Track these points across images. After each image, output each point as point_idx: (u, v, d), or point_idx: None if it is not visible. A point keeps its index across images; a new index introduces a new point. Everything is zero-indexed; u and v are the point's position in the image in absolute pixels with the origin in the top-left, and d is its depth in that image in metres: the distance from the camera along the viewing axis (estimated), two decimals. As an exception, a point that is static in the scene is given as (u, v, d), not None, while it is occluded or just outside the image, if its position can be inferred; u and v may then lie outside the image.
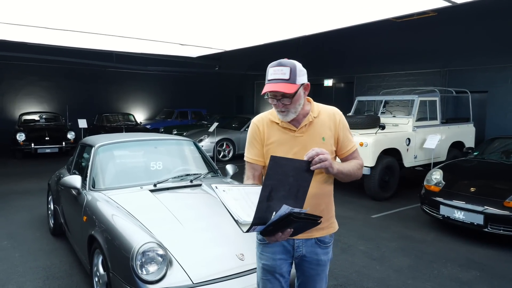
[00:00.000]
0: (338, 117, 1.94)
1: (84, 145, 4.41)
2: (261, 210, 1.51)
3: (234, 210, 1.56)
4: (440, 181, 5.37)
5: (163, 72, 17.42)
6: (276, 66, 1.77)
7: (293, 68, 1.76)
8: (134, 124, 14.45)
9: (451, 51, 10.93)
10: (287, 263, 1.95)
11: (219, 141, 11.04)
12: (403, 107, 8.50)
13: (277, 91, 1.75)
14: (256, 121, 1.99)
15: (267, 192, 1.53)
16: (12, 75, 15.02)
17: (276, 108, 1.84)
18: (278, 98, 1.79)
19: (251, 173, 1.96)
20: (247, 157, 1.99)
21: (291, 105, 1.79)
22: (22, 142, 11.07)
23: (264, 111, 2.02)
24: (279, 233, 1.58)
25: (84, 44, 9.20)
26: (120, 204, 3.21)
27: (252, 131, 1.98)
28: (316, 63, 14.80)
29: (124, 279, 2.48)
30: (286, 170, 1.57)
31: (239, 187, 1.72)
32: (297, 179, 1.60)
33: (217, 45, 8.97)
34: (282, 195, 1.56)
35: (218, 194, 1.60)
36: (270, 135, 1.92)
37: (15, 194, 6.98)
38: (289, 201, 1.54)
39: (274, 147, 1.89)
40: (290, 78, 1.75)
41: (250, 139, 1.99)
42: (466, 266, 4.12)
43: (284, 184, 1.57)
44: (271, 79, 1.77)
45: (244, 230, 1.52)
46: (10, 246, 4.52)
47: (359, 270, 4.00)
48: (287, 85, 1.74)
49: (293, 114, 1.83)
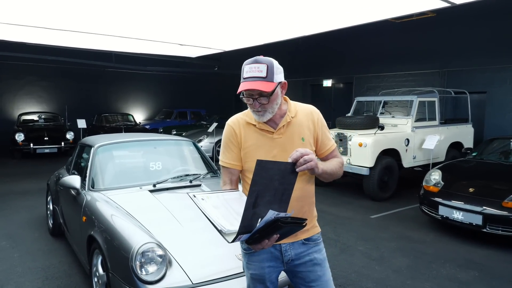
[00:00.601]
0: (316, 115, 1.87)
1: (84, 145, 4.41)
2: (247, 218, 1.44)
3: (216, 220, 1.49)
4: (439, 182, 5.38)
5: (162, 73, 17.42)
6: (252, 63, 1.68)
7: (270, 66, 1.68)
8: (133, 124, 14.44)
9: (450, 52, 10.95)
10: (277, 271, 1.87)
11: (218, 142, 11.04)
12: (402, 107, 8.52)
13: (253, 89, 1.66)
14: (231, 123, 1.88)
15: (253, 199, 1.46)
16: (11, 75, 14.99)
17: (252, 108, 1.75)
18: (254, 97, 1.70)
19: (228, 178, 1.87)
20: (223, 161, 1.88)
21: (268, 104, 1.71)
22: (21, 142, 11.06)
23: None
24: (266, 240, 1.52)
25: (83, 44, 9.20)
26: (120, 204, 3.21)
27: (228, 134, 1.87)
28: (315, 64, 14.82)
29: (124, 279, 2.48)
30: (271, 174, 1.50)
31: (218, 193, 1.66)
32: (282, 182, 1.53)
33: (216, 45, 8.98)
34: (267, 200, 1.50)
35: (197, 203, 1.53)
36: (247, 138, 1.83)
37: (14, 194, 6.97)
38: (273, 206, 1.49)
39: (252, 151, 1.81)
40: (267, 76, 1.67)
41: (226, 142, 1.88)
42: (464, 266, 4.13)
43: (270, 189, 1.51)
44: (247, 77, 1.68)
45: (229, 240, 1.46)
46: (9, 246, 4.51)
47: (358, 270, 4.00)
48: (264, 83, 1.66)
49: (270, 114, 1.75)
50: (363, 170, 6.59)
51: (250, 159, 1.81)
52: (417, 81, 11.63)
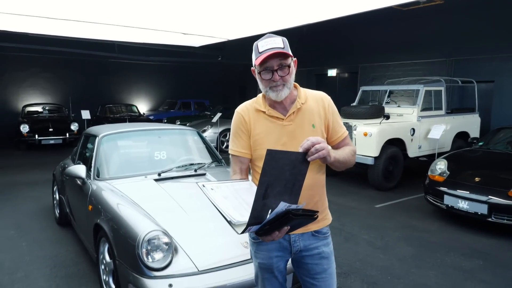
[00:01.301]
0: (327, 102, 1.82)
1: (88, 135, 4.42)
2: (257, 209, 1.42)
3: (226, 210, 1.46)
4: (445, 171, 5.36)
5: (166, 63, 17.36)
6: (267, 38, 1.67)
7: (284, 40, 1.68)
8: (137, 115, 14.46)
9: (457, 40, 10.82)
10: (284, 260, 1.86)
11: (222, 132, 11.04)
12: (408, 97, 8.43)
13: (277, 52, 1.62)
14: (240, 110, 1.84)
15: (263, 190, 1.43)
16: (14, 67, 15.01)
17: (269, 84, 1.69)
18: (274, 70, 1.65)
19: (237, 167, 1.82)
20: (232, 149, 1.84)
21: (288, 76, 1.67)
22: (26, 133, 11.12)
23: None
24: (276, 232, 1.49)
25: (86, 34, 9.18)
26: (125, 193, 3.22)
27: (237, 121, 1.83)
28: (320, 53, 14.71)
29: (130, 266, 2.51)
30: (282, 164, 1.47)
31: (227, 183, 1.62)
32: (293, 172, 1.50)
33: (220, 34, 8.93)
34: (278, 191, 1.47)
35: (206, 193, 1.51)
36: (256, 125, 1.78)
37: (20, 185, 7.02)
38: (284, 197, 1.46)
39: (262, 138, 1.77)
40: (284, 47, 1.65)
41: (235, 130, 1.84)
42: (469, 255, 4.13)
43: (281, 179, 1.47)
44: (264, 50, 1.63)
45: (239, 231, 1.44)
46: (17, 235, 4.56)
47: (363, 258, 4.01)
48: (283, 52, 1.64)
49: (288, 89, 1.70)
50: (368, 159, 6.57)
51: (259, 147, 1.78)
52: (424, 70, 11.53)
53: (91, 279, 3.47)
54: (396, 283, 3.49)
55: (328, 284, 1.84)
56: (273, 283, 1.88)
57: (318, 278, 1.83)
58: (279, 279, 1.88)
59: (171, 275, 2.42)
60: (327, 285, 1.84)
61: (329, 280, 1.84)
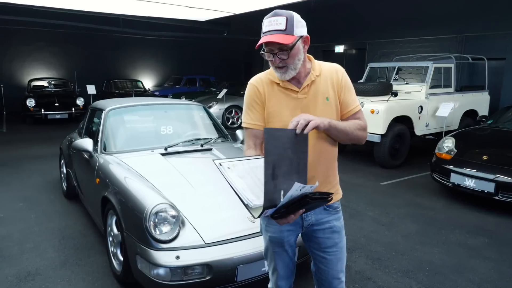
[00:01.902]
0: (341, 74, 1.78)
1: (95, 109, 4.41)
2: (269, 191, 1.41)
3: (243, 192, 1.44)
4: (452, 149, 5.31)
5: (171, 38, 17.16)
6: (272, 16, 1.61)
7: (290, 18, 1.60)
8: (143, 90, 14.40)
9: (468, 16, 10.53)
10: (295, 234, 1.86)
11: (228, 108, 11.00)
12: (417, 74, 8.30)
13: (272, 41, 1.58)
14: (254, 81, 1.80)
15: (271, 170, 1.42)
16: (19, 40, 14.90)
17: (273, 64, 1.68)
18: (274, 52, 1.62)
19: (252, 141, 1.78)
20: (246, 122, 1.79)
21: (290, 59, 1.63)
22: (32, 108, 11.16)
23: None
24: (291, 215, 1.49)
25: (91, 7, 9.04)
26: (132, 167, 3.23)
27: (251, 93, 1.79)
28: (328, 29, 14.41)
29: (138, 238, 2.54)
30: (282, 142, 1.46)
31: (243, 161, 1.57)
32: (295, 151, 1.48)
33: (226, 8, 8.76)
34: (285, 171, 1.45)
35: (223, 172, 1.48)
36: (270, 97, 1.75)
37: (28, 159, 7.09)
38: (292, 176, 1.45)
39: (276, 110, 1.74)
40: (286, 28, 1.58)
41: (250, 102, 1.79)
42: (474, 232, 4.14)
43: (284, 158, 1.46)
44: (266, 31, 1.61)
45: (255, 215, 1.43)
46: (26, 208, 4.63)
47: (367, 235, 4.04)
48: (283, 36, 1.58)
49: (293, 71, 1.67)
50: (375, 137, 6.52)
51: (273, 120, 1.75)
52: (433, 47, 11.29)
53: (99, 250, 3.54)
54: (401, 259, 3.51)
55: (338, 258, 1.86)
56: (283, 256, 1.89)
57: (329, 252, 1.84)
58: (289, 253, 1.90)
59: (178, 247, 2.45)
60: (338, 259, 1.86)
61: (339, 254, 1.86)
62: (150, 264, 2.42)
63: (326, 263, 1.86)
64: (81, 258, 3.41)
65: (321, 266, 1.88)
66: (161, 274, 2.39)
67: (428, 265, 3.42)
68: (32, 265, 3.28)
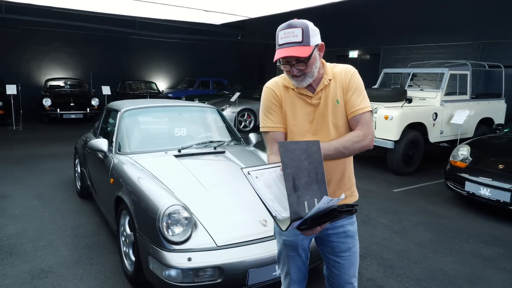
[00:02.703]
0: (350, 75, 1.75)
1: (110, 110, 4.46)
2: (293, 204, 1.42)
3: (271, 204, 1.45)
4: (467, 157, 5.23)
5: (186, 41, 17.30)
6: (287, 28, 1.60)
7: (305, 29, 1.59)
8: (157, 92, 14.53)
9: (485, 23, 10.39)
10: (309, 238, 1.87)
11: (241, 111, 11.03)
12: (432, 80, 8.21)
13: (290, 56, 1.59)
14: (271, 85, 1.81)
15: (291, 182, 1.43)
16: (37, 41, 15.20)
17: (290, 75, 1.68)
18: (292, 64, 1.64)
19: (274, 146, 1.75)
20: (267, 126, 1.78)
21: (307, 69, 1.64)
22: (48, 107, 11.35)
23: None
24: (318, 227, 1.48)
25: (108, 9, 9.18)
26: (146, 168, 3.26)
27: (269, 96, 1.79)
28: (342, 34, 14.37)
29: (151, 239, 2.55)
30: (297, 154, 1.46)
31: (270, 169, 1.56)
32: (311, 162, 1.48)
33: (241, 12, 8.80)
34: (305, 182, 1.46)
35: (251, 182, 1.47)
36: (286, 101, 1.77)
37: (43, 157, 7.20)
38: (313, 186, 1.46)
39: (290, 115, 1.76)
40: (303, 40, 1.58)
41: (268, 105, 1.79)
42: (489, 242, 4.06)
43: (302, 170, 1.47)
44: (282, 44, 1.61)
45: (283, 228, 1.42)
46: (40, 205, 4.70)
47: (380, 242, 4.00)
48: (300, 48, 1.58)
49: (310, 78, 1.68)
50: (388, 143, 6.47)
51: (288, 123, 1.76)
52: (449, 54, 11.16)
53: (111, 250, 3.57)
54: (413, 267, 3.47)
55: (352, 262, 1.86)
56: (296, 260, 1.89)
57: (343, 256, 1.84)
58: (302, 257, 1.90)
59: (190, 249, 2.46)
60: (351, 263, 1.86)
61: (353, 259, 1.86)
62: (162, 265, 2.43)
63: (339, 268, 1.86)
64: (94, 257, 3.44)
65: (334, 271, 1.88)
66: (173, 275, 2.40)
67: (441, 274, 3.37)
68: (45, 262, 3.33)
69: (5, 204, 4.70)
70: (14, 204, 4.70)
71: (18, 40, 14.84)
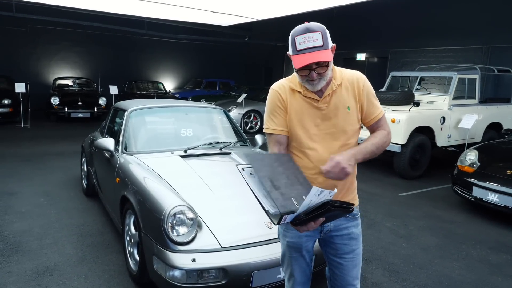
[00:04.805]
0: (362, 82, 1.76)
1: (117, 109, 4.48)
2: (278, 199, 1.43)
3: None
4: (475, 162, 5.18)
5: (193, 41, 17.35)
6: (306, 32, 1.56)
7: (324, 32, 1.58)
8: (163, 92, 14.59)
9: (494, 27, 10.29)
10: (313, 240, 1.88)
11: (247, 113, 11.03)
12: (440, 84, 8.16)
13: (319, 61, 1.55)
14: (277, 87, 1.79)
15: (269, 182, 1.45)
16: (46, 40, 15.34)
17: (307, 78, 1.64)
18: (312, 68, 1.60)
19: (276, 147, 1.77)
20: (269, 128, 1.78)
21: (326, 72, 1.63)
22: (56, 106, 11.44)
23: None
24: (311, 223, 1.48)
25: (117, 9, 9.23)
26: (152, 168, 3.27)
27: (274, 98, 1.78)
28: (349, 36, 14.32)
29: (155, 239, 2.55)
30: (268, 162, 1.49)
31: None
32: (287, 167, 1.50)
33: (249, 13, 8.81)
34: (286, 183, 1.47)
35: (245, 178, 1.50)
36: (292, 104, 1.75)
37: (50, 155, 7.26)
38: (296, 186, 1.48)
39: (295, 118, 1.74)
40: (323, 44, 1.56)
41: (273, 107, 1.77)
42: (496, 249, 4.02)
43: (279, 173, 1.48)
44: (302, 49, 1.56)
45: (275, 222, 1.43)
46: (46, 203, 4.73)
47: (385, 246, 3.97)
48: (323, 52, 1.56)
49: (325, 81, 1.66)
50: (395, 147, 6.42)
51: (294, 127, 1.75)
52: (457, 58, 11.07)
53: (116, 249, 3.58)
54: (419, 273, 3.44)
55: (354, 264, 1.86)
56: (300, 262, 1.89)
57: (346, 258, 1.84)
58: (306, 259, 1.90)
59: (195, 250, 2.45)
60: (354, 265, 1.86)
61: (356, 261, 1.86)
62: (166, 266, 2.43)
63: (341, 269, 1.85)
64: (98, 256, 3.45)
65: (336, 272, 1.88)
66: (177, 276, 2.40)
67: (447, 280, 3.33)
68: (50, 260, 3.34)
69: (12, 201, 4.74)
70: (21, 202, 4.73)
71: (28, 39, 14.98)
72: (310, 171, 1.72)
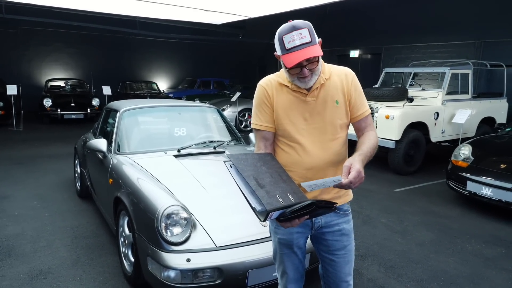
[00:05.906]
0: (351, 78, 1.76)
1: (110, 110, 4.45)
2: (264, 196, 1.44)
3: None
4: (469, 157, 5.20)
5: (186, 41, 17.28)
6: (292, 30, 1.56)
7: (310, 28, 1.58)
8: (157, 92, 14.52)
9: (486, 22, 10.35)
10: (304, 237, 1.86)
11: (241, 111, 11.01)
12: (433, 80, 8.19)
13: (312, 57, 1.55)
14: (264, 83, 1.79)
15: (254, 181, 1.47)
16: (38, 41, 15.18)
17: (298, 76, 1.64)
18: (303, 65, 1.60)
19: (262, 143, 1.79)
20: (256, 124, 1.79)
21: (317, 67, 1.63)
22: (48, 107, 11.36)
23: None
24: (296, 220, 1.49)
25: (109, 9, 9.16)
26: (145, 168, 3.24)
27: (260, 95, 1.78)
28: (343, 33, 14.35)
29: (149, 240, 2.53)
30: (251, 162, 1.50)
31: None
32: (269, 167, 1.52)
33: (242, 11, 8.78)
34: (270, 181, 1.49)
35: (232, 174, 1.50)
36: (279, 99, 1.75)
37: (43, 158, 7.20)
38: (280, 185, 1.50)
39: (283, 113, 1.74)
40: (312, 39, 1.56)
41: (259, 104, 1.78)
42: (491, 242, 4.04)
43: (262, 172, 1.49)
44: (292, 47, 1.56)
45: (262, 219, 1.44)
46: (40, 206, 4.69)
47: (381, 242, 3.97)
48: (313, 48, 1.55)
49: (316, 76, 1.66)
50: (389, 143, 6.44)
51: (282, 121, 1.75)
52: (450, 53, 11.13)
53: (111, 251, 3.55)
54: (414, 268, 3.44)
55: (347, 260, 1.85)
56: (292, 258, 1.88)
57: (338, 255, 1.84)
58: (298, 255, 1.89)
59: (189, 250, 2.44)
60: (346, 261, 1.85)
61: (348, 257, 1.86)
62: (161, 266, 2.41)
63: (334, 266, 1.85)
64: (93, 258, 3.42)
65: (329, 269, 1.87)
66: (172, 276, 2.38)
67: (443, 274, 3.34)
68: (44, 263, 3.31)
69: (5, 204, 4.69)
70: (14, 205, 4.69)
71: (19, 41, 14.83)
72: (299, 167, 1.72)
